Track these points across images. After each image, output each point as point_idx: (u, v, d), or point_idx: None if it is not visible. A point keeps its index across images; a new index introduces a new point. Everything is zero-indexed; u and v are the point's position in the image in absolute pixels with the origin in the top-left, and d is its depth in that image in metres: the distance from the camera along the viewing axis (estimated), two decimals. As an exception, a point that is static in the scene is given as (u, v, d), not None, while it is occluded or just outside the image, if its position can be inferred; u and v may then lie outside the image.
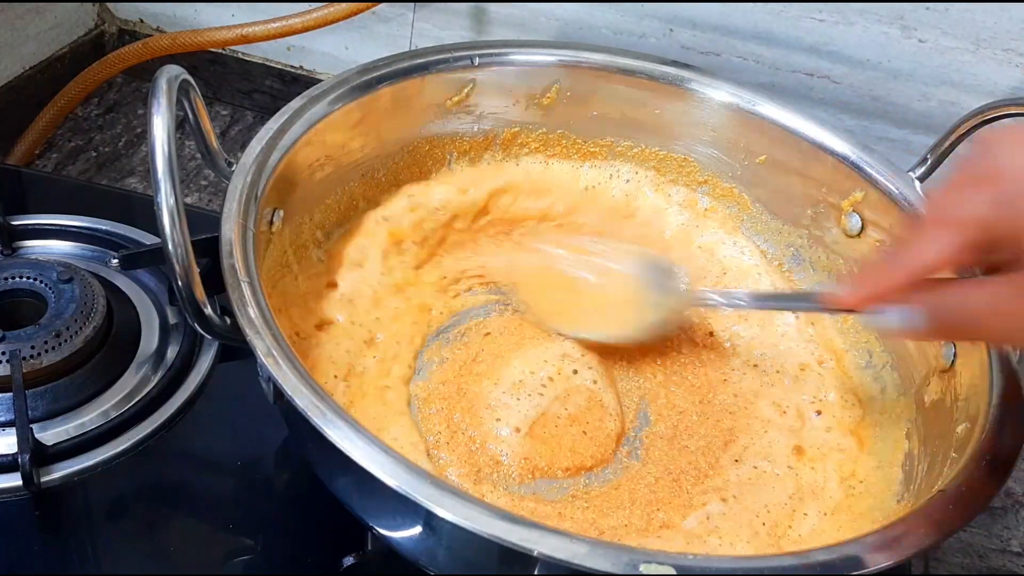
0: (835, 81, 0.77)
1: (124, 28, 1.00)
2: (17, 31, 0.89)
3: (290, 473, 0.58)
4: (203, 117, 0.50)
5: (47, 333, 0.56)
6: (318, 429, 0.40)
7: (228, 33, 0.85)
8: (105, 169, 0.90)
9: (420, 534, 0.44)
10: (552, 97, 0.68)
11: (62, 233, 0.68)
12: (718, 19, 0.77)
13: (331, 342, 0.57)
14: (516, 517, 0.38)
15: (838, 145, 0.62)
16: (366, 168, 0.64)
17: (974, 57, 0.72)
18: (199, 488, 0.56)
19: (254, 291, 0.46)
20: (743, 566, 0.39)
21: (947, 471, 0.47)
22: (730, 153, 0.67)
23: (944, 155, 0.60)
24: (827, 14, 0.74)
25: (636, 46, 0.80)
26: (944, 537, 0.42)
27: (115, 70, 0.90)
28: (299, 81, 0.96)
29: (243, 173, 0.52)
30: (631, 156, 0.70)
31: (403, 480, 0.39)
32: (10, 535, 0.52)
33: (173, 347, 0.61)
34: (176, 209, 0.42)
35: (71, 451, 0.54)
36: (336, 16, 0.81)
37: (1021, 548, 0.67)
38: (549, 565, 0.39)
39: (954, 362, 0.53)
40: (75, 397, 0.56)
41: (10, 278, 0.59)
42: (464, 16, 0.86)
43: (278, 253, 0.57)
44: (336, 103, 0.59)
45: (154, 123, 0.42)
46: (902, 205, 0.59)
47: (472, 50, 0.65)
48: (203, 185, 0.89)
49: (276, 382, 0.42)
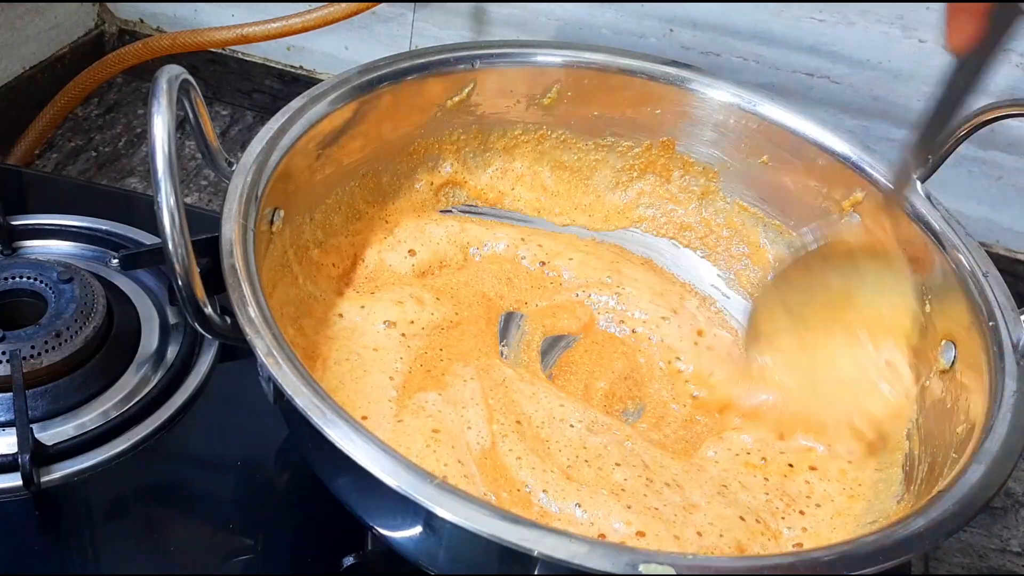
0: (835, 81, 0.77)
1: (124, 28, 1.00)
2: (17, 31, 0.89)
3: (290, 473, 0.58)
4: (203, 117, 0.50)
5: (47, 333, 0.56)
6: (318, 429, 0.40)
7: (228, 33, 0.85)
8: (105, 169, 0.90)
9: (420, 534, 0.44)
10: (553, 97, 0.68)
11: (62, 233, 0.68)
12: (718, 19, 0.77)
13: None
14: (516, 517, 0.38)
15: (839, 145, 0.62)
16: (367, 168, 0.64)
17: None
18: (199, 488, 0.56)
19: (254, 291, 0.46)
20: (743, 566, 0.39)
21: (947, 471, 0.47)
22: (730, 153, 0.67)
23: (945, 156, 0.60)
24: (827, 14, 0.74)
25: (636, 46, 0.80)
26: (944, 537, 0.42)
27: (115, 70, 0.90)
28: (299, 81, 0.96)
29: (243, 173, 0.52)
30: (631, 156, 0.70)
31: (403, 480, 0.39)
32: (10, 535, 0.52)
33: (173, 347, 0.61)
34: (176, 209, 0.42)
35: (71, 451, 0.54)
36: (336, 16, 0.81)
37: (1021, 548, 0.67)
38: (549, 565, 0.38)
39: (954, 363, 0.53)
40: (75, 397, 0.56)
41: (10, 278, 0.59)
42: (464, 16, 0.86)
43: (278, 253, 0.57)
44: (336, 103, 0.59)
45: (154, 123, 0.42)
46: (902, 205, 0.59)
47: (472, 51, 0.65)
48: (203, 185, 0.89)
49: (276, 382, 0.42)
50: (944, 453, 0.50)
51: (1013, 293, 0.53)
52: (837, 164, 0.62)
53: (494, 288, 0.66)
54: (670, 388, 0.62)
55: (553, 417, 0.57)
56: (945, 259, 0.56)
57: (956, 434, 0.50)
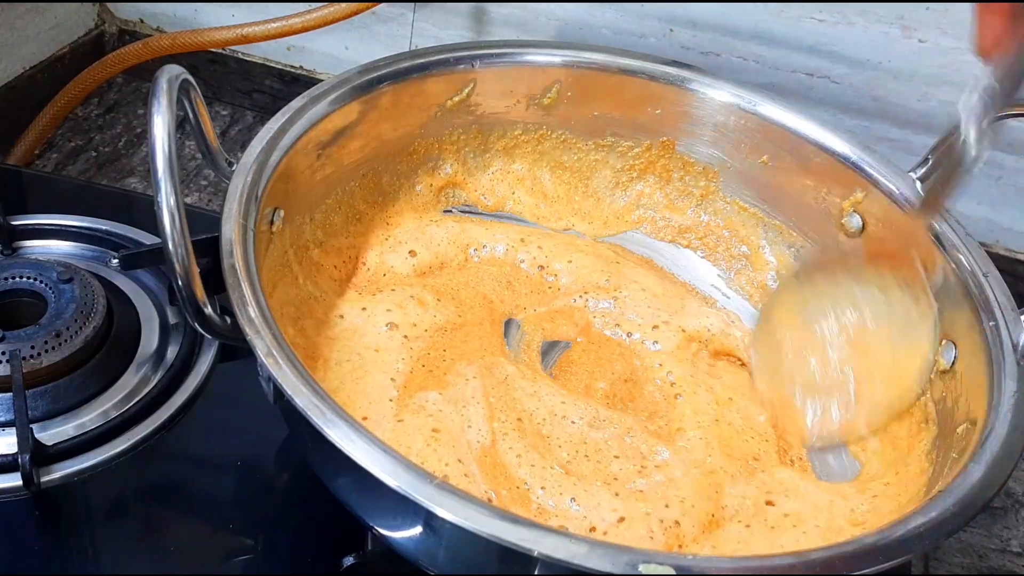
0: (835, 81, 0.77)
1: (124, 28, 1.00)
2: (17, 31, 0.89)
3: (290, 473, 0.58)
4: (203, 117, 0.50)
5: (47, 333, 0.56)
6: (318, 429, 0.40)
7: (228, 33, 0.85)
8: (105, 169, 0.90)
9: (420, 534, 0.44)
10: (553, 97, 0.68)
11: (62, 233, 0.68)
12: (718, 19, 0.77)
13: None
14: (516, 517, 0.39)
15: (839, 145, 0.62)
16: (367, 168, 0.64)
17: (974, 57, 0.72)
18: (199, 488, 0.56)
19: (254, 291, 0.46)
20: (742, 566, 0.39)
21: (947, 471, 0.47)
22: (730, 153, 0.67)
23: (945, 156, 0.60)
24: (827, 14, 0.74)
25: (636, 46, 0.80)
26: (944, 537, 0.42)
27: (115, 70, 0.90)
28: (299, 81, 0.96)
29: (244, 173, 0.52)
30: (631, 156, 0.70)
31: (403, 480, 0.39)
32: (10, 535, 0.52)
33: (173, 347, 0.61)
34: (176, 209, 0.42)
35: (71, 451, 0.54)
36: (336, 16, 0.81)
37: (1021, 548, 0.67)
38: (549, 565, 0.38)
39: (955, 363, 0.53)
40: (75, 397, 0.56)
41: (10, 278, 0.59)
42: (464, 16, 0.86)
43: (279, 253, 0.57)
44: (337, 103, 0.59)
45: (154, 123, 0.42)
46: (903, 205, 0.59)
47: (472, 51, 0.65)
48: (203, 185, 0.89)
49: (276, 382, 0.42)
50: (944, 453, 0.50)
51: (1013, 293, 0.53)
52: (837, 164, 0.62)
53: (494, 291, 0.66)
54: (663, 394, 0.62)
55: (555, 414, 0.57)
56: (945, 259, 0.56)
57: (956, 434, 0.50)
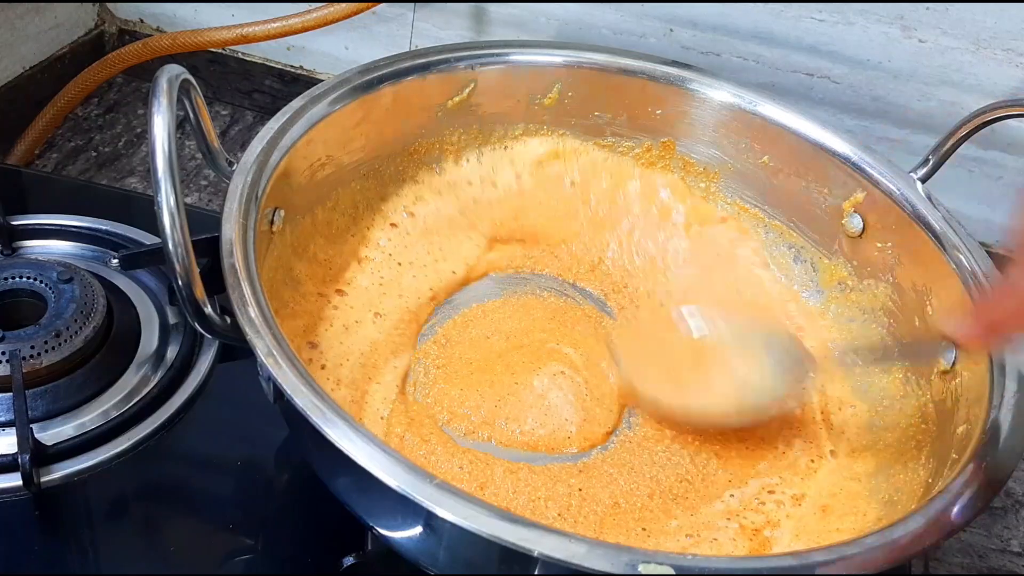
0: (835, 81, 0.77)
1: (124, 28, 1.00)
2: (17, 31, 0.89)
3: (290, 473, 0.58)
4: (204, 117, 0.50)
5: (47, 333, 0.56)
6: (318, 429, 0.40)
7: (228, 33, 0.85)
8: (105, 169, 0.90)
9: (420, 534, 0.44)
10: (553, 97, 0.68)
11: (62, 233, 0.68)
12: (718, 19, 0.77)
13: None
14: (516, 517, 0.39)
15: (839, 145, 0.62)
16: (367, 168, 0.64)
17: (974, 57, 0.72)
18: (199, 488, 0.56)
19: (254, 291, 0.46)
20: (742, 566, 0.39)
21: (947, 471, 0.47)
22: (731, 153, 0.67)
23: (945, 156, 0.60)
24: (827, 14, 0.74)
25: (636, 46, 0.80)
26: (944, 537, 0.42)
27: (115, 70, 0.90)
28: (299, 81, 0.96)
29: (244, 173, 0.52)
30: (632, 156, 0.70)
31: (403, 480, 0.39)
32: (10, 535, 0.52)
33: (173, 347, 0.61)
34: (176, 209, 0.42)
35: (71, 451, 0.54)
36: (336, 16, 0.81)
37: (1021, 548, 0.67)
38: (549, 565, 0.38)
39: (955, 364, 0.53)
40: (75, 397, 0.56)
41: (10, 278, 0.59)
42: (464, 16, 0.86)
43: (279, 253, 0.57)
44: (337, 103, 0.59)
45: (154, 122, 0.42)
46: (903, 206, 0.59)
47: (472, 51, 0.65)
48: (203, 185, 0.89)
49: (276, 382, 0.42)
50: (944, 453, 0.49)
51: (1013, 293, 0.53)
52: (837, 164, 0.62)
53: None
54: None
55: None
56: (945, 259, 0.56)
57: (956, 434, 0.50)
